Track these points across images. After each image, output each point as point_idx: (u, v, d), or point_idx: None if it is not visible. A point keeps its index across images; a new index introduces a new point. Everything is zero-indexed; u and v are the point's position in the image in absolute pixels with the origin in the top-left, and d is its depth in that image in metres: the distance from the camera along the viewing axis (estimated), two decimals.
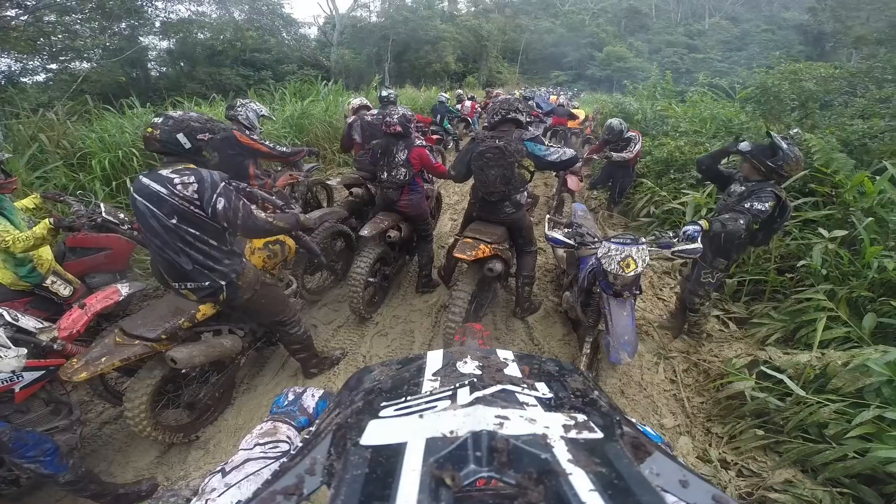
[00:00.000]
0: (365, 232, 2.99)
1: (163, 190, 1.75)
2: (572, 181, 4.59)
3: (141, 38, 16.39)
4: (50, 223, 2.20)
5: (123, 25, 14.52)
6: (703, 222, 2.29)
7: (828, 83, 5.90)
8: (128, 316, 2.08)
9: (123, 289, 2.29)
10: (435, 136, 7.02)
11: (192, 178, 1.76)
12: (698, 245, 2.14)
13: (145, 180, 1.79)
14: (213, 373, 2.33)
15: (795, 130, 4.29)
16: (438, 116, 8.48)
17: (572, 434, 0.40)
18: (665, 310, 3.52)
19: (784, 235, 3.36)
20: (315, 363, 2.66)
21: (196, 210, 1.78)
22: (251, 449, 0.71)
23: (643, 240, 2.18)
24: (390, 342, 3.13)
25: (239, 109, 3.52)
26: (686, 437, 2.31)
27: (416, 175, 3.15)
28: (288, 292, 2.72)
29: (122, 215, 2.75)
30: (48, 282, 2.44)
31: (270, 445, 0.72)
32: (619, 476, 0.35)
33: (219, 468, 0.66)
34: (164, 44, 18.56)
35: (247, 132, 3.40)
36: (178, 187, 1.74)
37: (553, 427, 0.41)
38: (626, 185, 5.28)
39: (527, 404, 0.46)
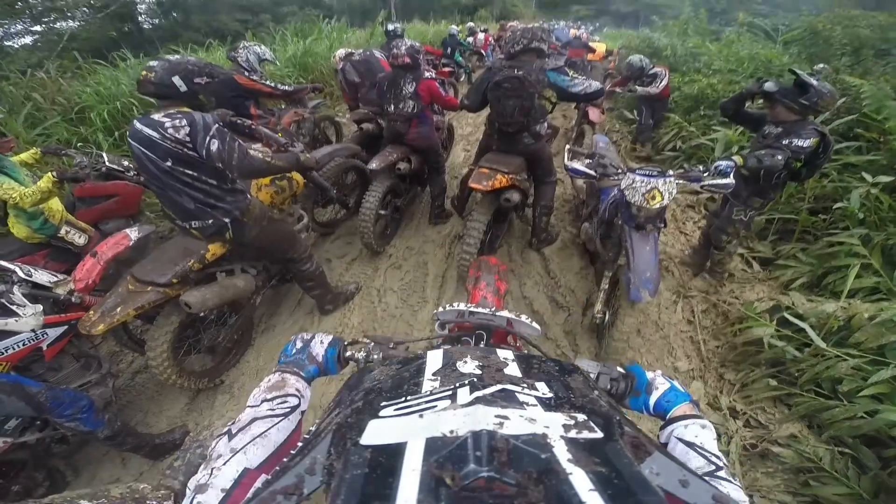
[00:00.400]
0: (373, 165, 2.98)
1: (154, 134, 1.72)
2: (594, 113, 4.49)
3: None
4: (53, 176, 2.24)
5: None
6: (738, 157, 2.17)
7: (886, 31, 5.46)
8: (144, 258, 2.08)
9: (132, 233, 2.29)
10: (446, 70, 6.74)
11: (184, 122, 1.72)
12: (730, 180, 2.04)
13: (139, 125, 1.76)
14: (231, 314, 2.36)
15: (821, 66, 4.10)
16: (449, 49, 8.22)
17: (572, 434, 0.40)
18: (687, 245, 3.43)
19: (821, 177, 3.17)
20: (330, 299, 2.70)
21: (190, 152, 1.75)
22: (258, 406, 0.69)
23: (671, 172, 2.09)
24: (404, 275, 3.15)
25: (240, 52, 3.49)
26: (699, 382, 2.31)
27: (424, 107, 3.06)
28: (298, 227, 2.71)
29: (125, 162, 2.82)
30: (62, 232, 2.51)
31: (279, 401, 0.70)
32: (619, 476, 0.35)
33: (225, 429, 0.64)
34: None
35: (246, 74, 3.38)
36: (170, 131, 1.71)
37: (553, 427, 0.41)
38: (660, 119, 5.20)
39: (527, 404, 0.46)
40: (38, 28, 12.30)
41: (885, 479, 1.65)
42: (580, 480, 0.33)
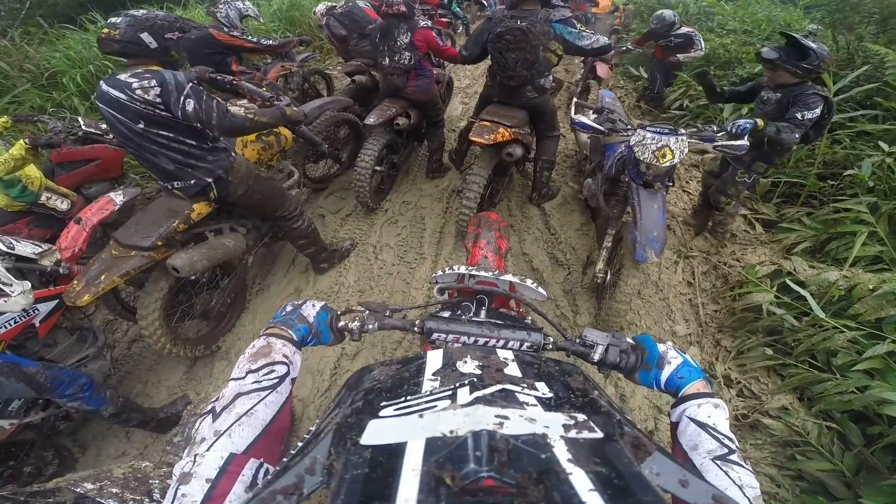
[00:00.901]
0: (371, 120, 2.86)
1: (122, 96, 1.61)
2: (602, 69, 4.35)
3: None
4: (25, 142, 2.16)
5: None
6: (759, 120, 2.15)
7: None
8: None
9: (117, 197, 2.22)
10: (444, 20, 6.35)
11: (154, 82, 1.61)
12: (744, 142, 2.00)
13: (105, 87, 1.65)
14: (223, 277, 2.30)
15: (814, 27, 3.95)
16: None
17: (572, 434, 0.41)
18: (690, 204, 3.39)
19: (832, 143, 3.12)
20: (325, 257, 2.66)
21: (162, 113, 1.65)
22: (243, 378, 0.65)
23: (683, 130, 2.05)
24: (400, 230, 3.11)
25: (220, 7, 3.31)
26: (695, 348, 2.33)
27: (422, 59, 2.92)
28: (289, 183, 2.63)
29: (103, 125, 2.69)
30: (44, 198, 2.44)
31: (265, 371, 0.66)
32: (618, 476, 0.35)
33: (209, 408, 0.60)
34: None
35: (225, 30, 3.21)
36: (138, 92, 1.60)
37: (553, 427, 0.41)
38: (671, 79, 4.97)
39: (527, 404, 0.46)
40: None
41: (868, 456, 1.68)
42: (580, 480, 0.34)
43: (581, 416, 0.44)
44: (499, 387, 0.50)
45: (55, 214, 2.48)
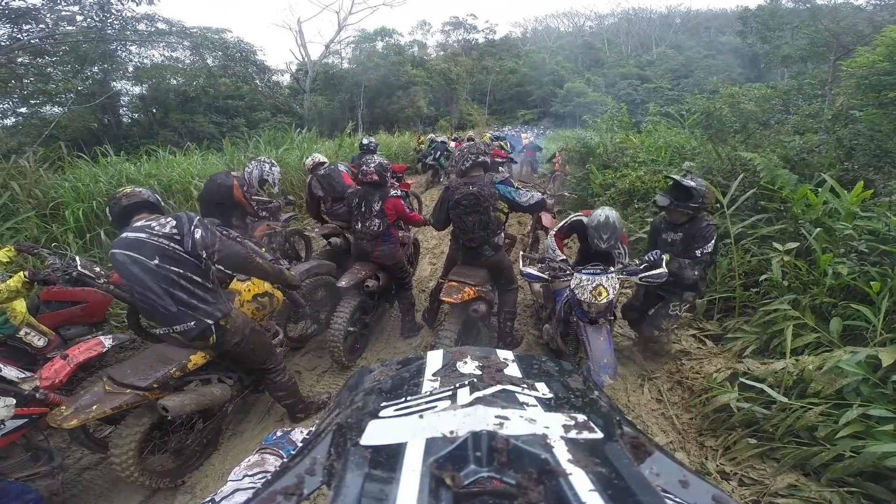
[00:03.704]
0: (342, 283, 3.01)
1: (142, 235, 1.88)
2: (546, 219, 4.71)
3: (114, 83, 16.26)
4: (25, 276, 2.22)
5: (96, 69, 14.42)
6: (666, 256, 2.47)
7: (764, 103, 6.06)
8: (111, 365, 2.13)
9: (107, 340, 2.30)
10: (408, 182, 7.27)
11: (169, 219, 1.93)
12: (663, 270, 2.30)
13: (124, 234, 1.93)
14: (201, 420, 2.32)
15: (689, 164, 4.31)
16: (438, 153, 9.86)
17: (572, 434, 0.40)
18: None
19: (744, 253, 3.54)
20: (302, 408, 2.64)
21: (176, 246, 1.88)
22: (240, 480, 0.71)
23: (612, 269, 2.35)
24: None
25: (252, 163, 3.55)
26: (681, 453, 2.35)
27: (390, 226, 3.17)
28: (275, 342, 2.72)
29: (97, 269, 2.72)
30: (21, 333, 2.41)
31: (260, 476, 0.73)
32: (619, 476, 0.35)
33: (208, 499, 0.66)
34: (137, 89, 18.41)
35: (244, 188, 3.42)
36: (156, 228, 1.89)
37: (553, 427, 0.41)
38: None
39: (527, 404, 0.46)
40: (23, 110, 12.20)
41: None
42: (580, 481, 0.33)
43: (581, 417, 0.44)
44: (499, 387, 0.50)
45: (28, 350, 2.43)
